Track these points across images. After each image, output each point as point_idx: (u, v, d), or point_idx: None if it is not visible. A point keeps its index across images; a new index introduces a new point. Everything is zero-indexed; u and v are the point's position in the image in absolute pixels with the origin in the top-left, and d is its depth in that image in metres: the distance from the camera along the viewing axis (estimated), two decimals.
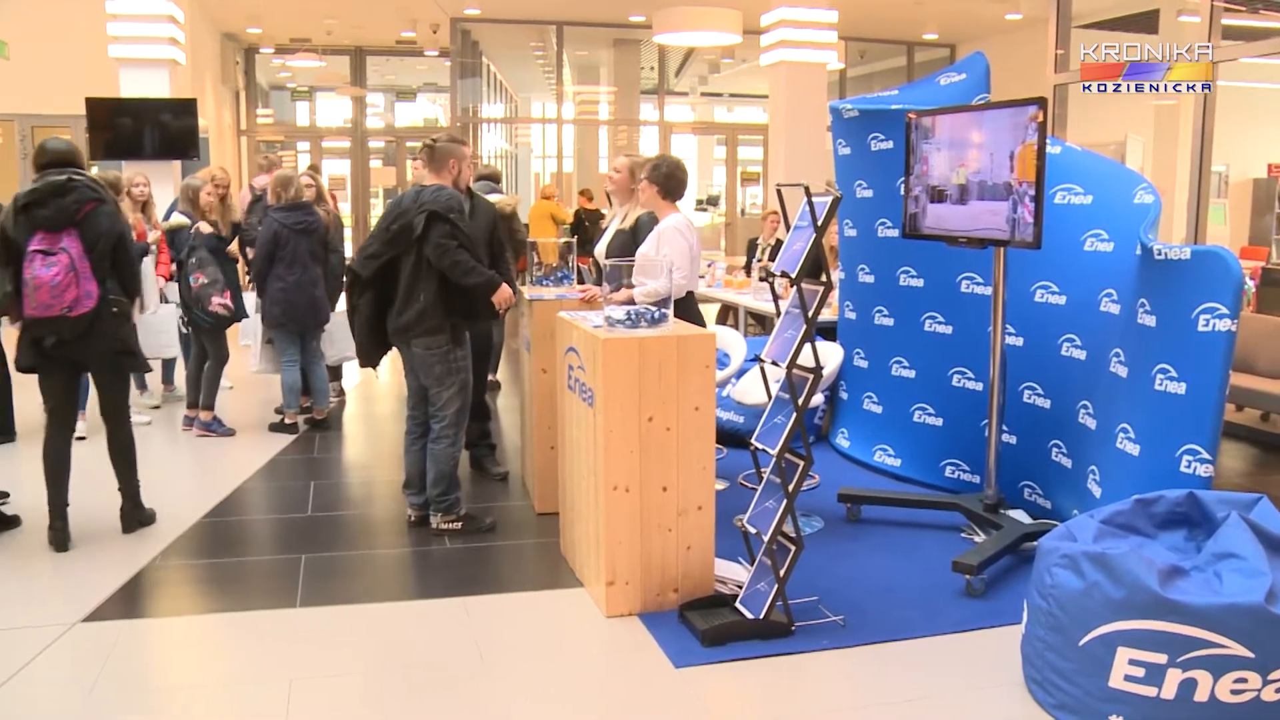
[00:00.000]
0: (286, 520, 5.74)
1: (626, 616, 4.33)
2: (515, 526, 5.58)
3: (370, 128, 20.49)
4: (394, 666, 4.03)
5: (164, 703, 3.75)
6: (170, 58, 11.90)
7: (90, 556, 5.19)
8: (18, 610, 4.52)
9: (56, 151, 5.09)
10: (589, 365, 4.38)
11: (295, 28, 17.95)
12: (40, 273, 4.82)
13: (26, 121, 13.64)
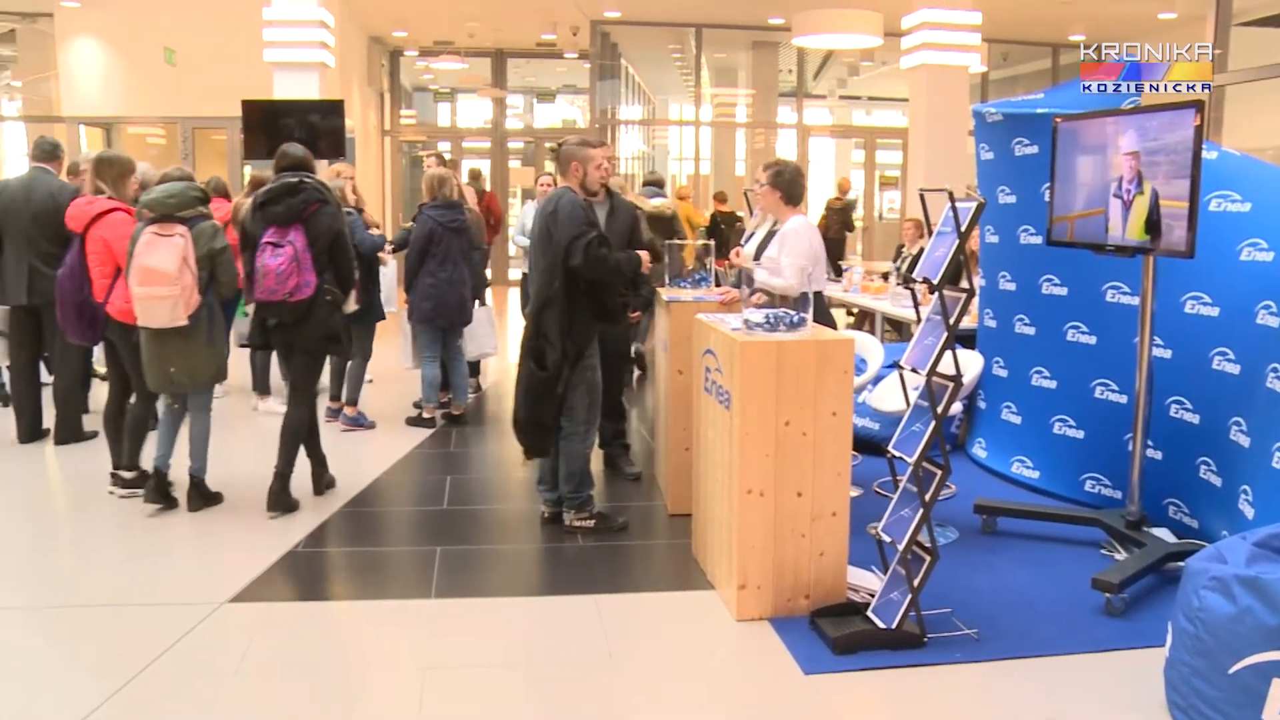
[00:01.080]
0: (423, 512, 5.88)
1: (757, 621, 4.32)
2: (647, 527, 5.62)
3: (510, 128, 20.82)
4: (525, 661, 4.11)
5: (305, 685, 3.88)
6: (320, 61, 12.31)
7: (238, 540, 5.41)
8: (171, 589, 4.75)
9: (294, 157, 5.79)
10: (726, 368, 4.39)
11: (439, 30, 18.34)
12: (268, 261, 5.44)
13: (188, 123, 14.26)
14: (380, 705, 3.72)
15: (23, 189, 6.96)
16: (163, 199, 5.43)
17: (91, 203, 5.91)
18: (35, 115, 17.34)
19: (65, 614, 4.49)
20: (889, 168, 20.80)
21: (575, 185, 5.32)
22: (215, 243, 5.53)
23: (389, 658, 4.08)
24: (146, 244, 5.35)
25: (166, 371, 5.53)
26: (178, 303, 5.34)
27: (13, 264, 6.92)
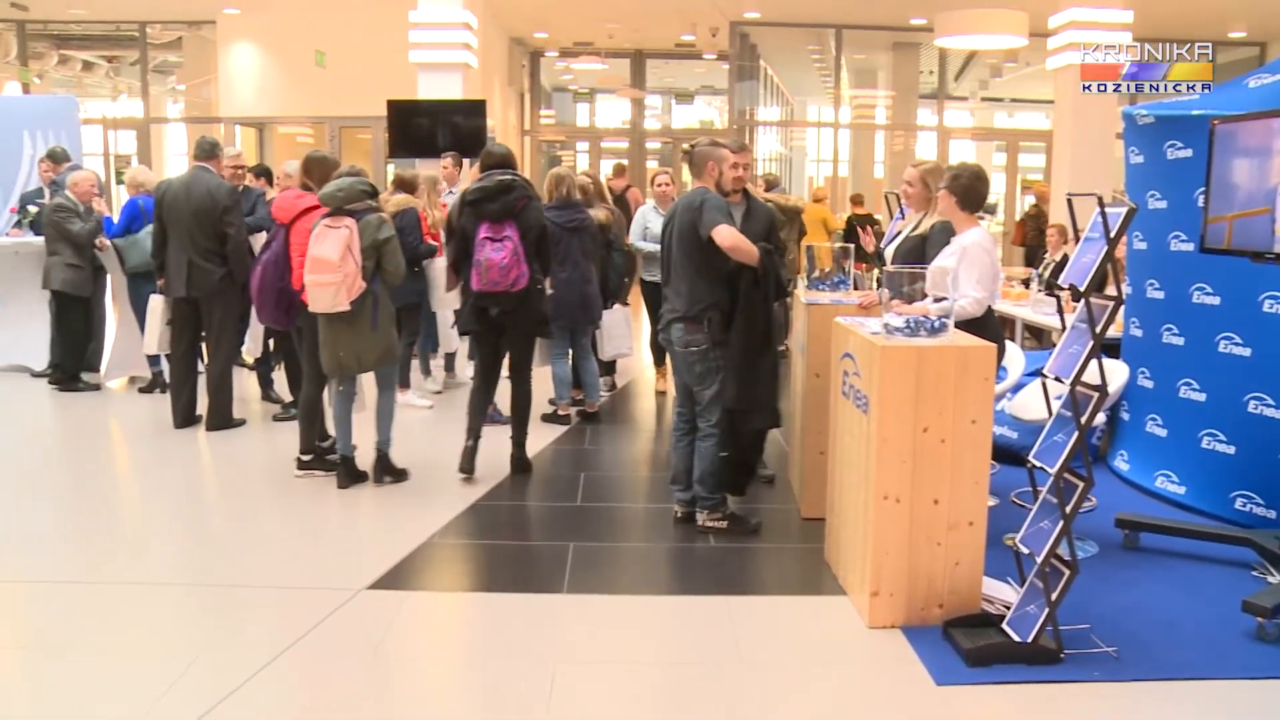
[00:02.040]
0: (557, 508, 5.97)
1: (889, 629, 4.28)
2: (780, 530, 5.60)
3: (648, 129, 20.95)
4: (654, 659, 4.15)
5: (439, 673, 4.00)
6: (463, 62, 12.57)
7: (377, 528, 5.62)
8: (315, 573, 4.93)
9: (500, 155, 6.26)
10: (865, 372, 4.36)
11: (579, 31, 18.55)
12: (491, 255, 5.89)
13: (335, 123, 14.72)
14: (511, 697, 3.79)
15: (184, 187, 7.27)
16: (333, 193, 5.83)
17: (300, 197, 6.25)
18: (195, 117, 18.11)
19: (219, 593, 4.70)
20: (1031, 171, 20.30)
21: (711, 186, 5.31)
22: (380, 234, 5.87)
23: (520, 650, 4.15)
24: (318, 235, 5.76)
25: (337, 355, 5.92)
26: (339, 289, 5.70)
27: (175, 258, 7.23)
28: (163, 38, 17.52)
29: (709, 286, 5.22)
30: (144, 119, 17.14)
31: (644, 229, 8.21)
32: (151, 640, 4.25)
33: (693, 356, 5.30)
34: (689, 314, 5.26)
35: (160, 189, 7.38)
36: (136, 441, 7.55)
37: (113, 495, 6.45)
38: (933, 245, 5.31)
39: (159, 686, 3.77)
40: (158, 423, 7.72)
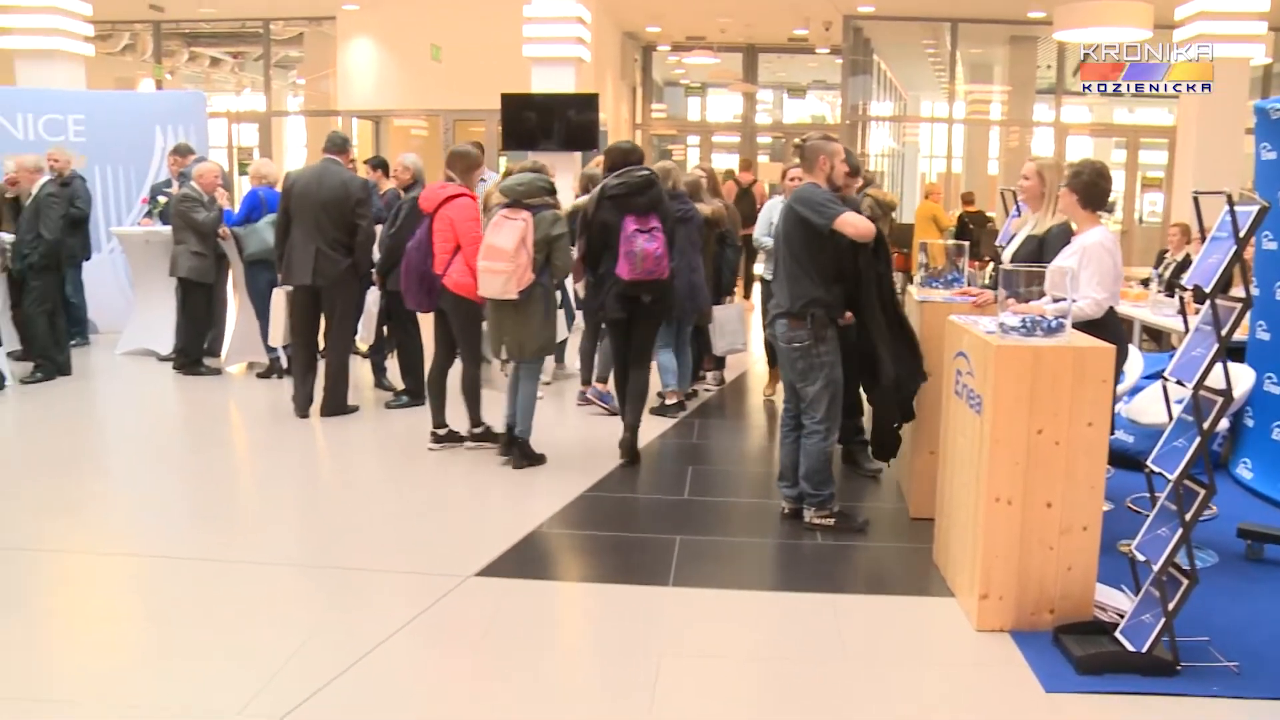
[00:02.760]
0: (664, 501, 5.99)
1: (997, 632, 4.21)
2: (888, 529, 5.55)
3: (759, 124, 20.86)
4: (759, 655, 4.14)
5: (544, 661, 4.03)
6: (576, 56, 12.65)
7: (486, 516, 5.70)
8: (424, 558, 5.02)
9: (626, 151, 6.58)
10: (979, 371, 4.29)
11: (691, 26, 18.55)
12: (645, 246, 6.20)
13: (449, 116, 14.95)
14: (615, 688, 3.82)
15: (315, 178, 7.42)
16: (514, 186, 6.17)
17: (444, 187, 6.52)
18: (314, 110, 18.56)
19: (333, 574, 4.83)
20: (1152, 168, 19.74)
21: (821, 180, 5.27)
22: (554, 229, 6.15)
23: (625, 642, 4.18)
24: (495, 225, 6.09)
25: (500, 339, 6.27)
26: (509, 278, 5.99)
27: (300, 246, 7.37)
28: (285, 34, 17.98)
29: (811, 283, 5.18)
30: (266, 112, 17.61)
31: (770, 223, 7.54)
32: (268, 617, 4.38)
33: (795, 353, 5.27)
34: (792, 310, 5.24)
35: (289, 179, 7.55)
36: (256, 425, 7.78)
37: (234, 477, 6.66)
38: (1050, 249, 5.18)
39: (275, 662, 3.89)
40: (275, 407, 7.94)
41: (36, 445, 7.36)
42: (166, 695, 3.72)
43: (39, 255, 8.56)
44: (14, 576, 4.81)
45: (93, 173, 10.90)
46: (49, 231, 8.56)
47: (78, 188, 9.22)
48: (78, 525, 5.57)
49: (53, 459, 6.86)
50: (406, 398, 7.94)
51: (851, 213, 5.08)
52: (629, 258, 6.24)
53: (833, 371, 5.27)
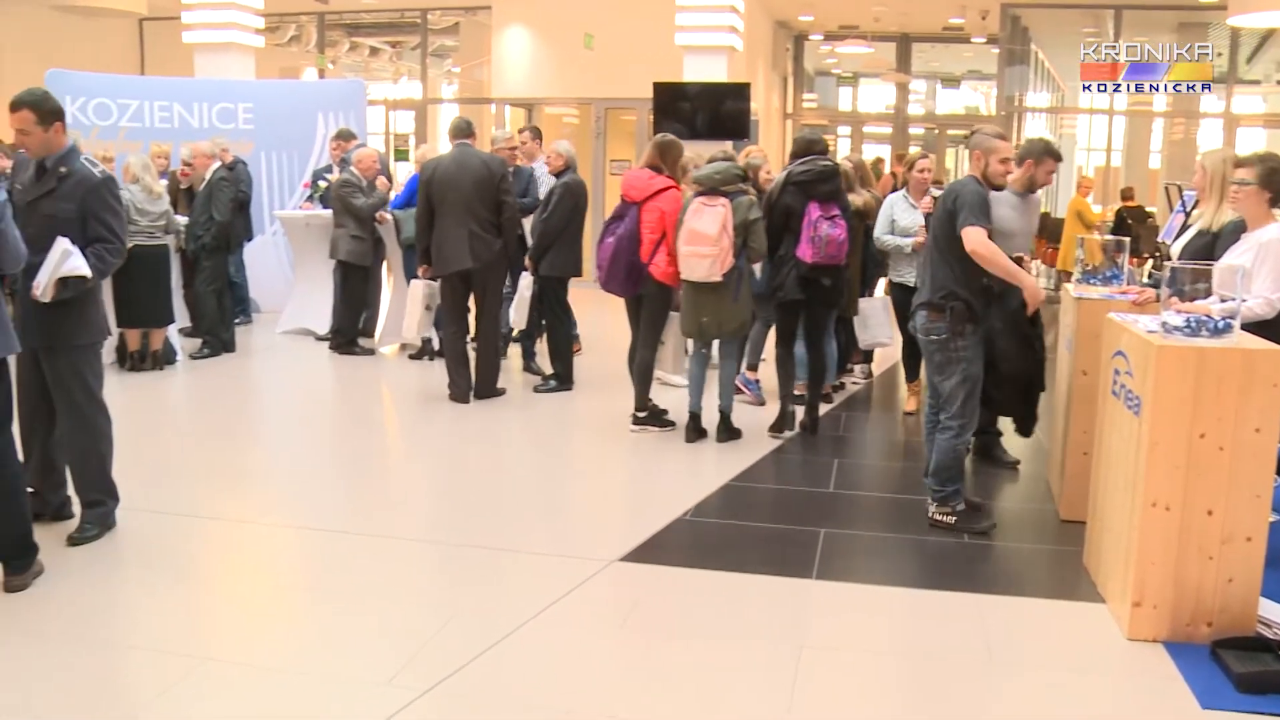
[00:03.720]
0: (809, 493, 5.95)
1: (1149, 642, 4.07)
2: (1036, 530, 5.43)
3: (911, 114, 20.52)
4: (901, 651, 4.11)
5: (685, 649, 4.05)
6: (729, 45, 12.63)
7: (631, 502, 5.81)
8: (570, 541, 5.11)
9: (811, 141, 6.84)
10: (1138, 372, 4.16)
11: (845, 15, 18.33)
12: (831, 232, 6.46)
13: (601, 104, 15.07)
14: (756, 677, 3.83)
15: (455, 163, 7.54)
16: (711, 174, 6.44)
17: (652, 179, 6.73)
18: (468, 98, 18.93)
19: (479, 554, 4.94)
20: None
21: (977, 174, 5.18)
22: (751, 214, 6.43)
23: (767, 631, 4.19)
24: (694, 211, 6.39)
25: (699, 320, 6.54)
26: (714, 261, 6.30)
27: (452, 232, 7.46)
28: (441, 23, 18.36)
29: (953, 274, 5.09)
30: (422, 100, 18.04)
31: (890, 221, 7.27)
32: (416, 593, 4.52)
33: (933, 345, 5.18)
34: (932, 300, 5.16)
35: (428, 169, 7.62)
36: (407, 405, 8.02)
37: (386, 454, 6.89)
38: (1224, 242, 4.98)
39: (421, 637, 4.01)
40: (426, 388, 8.18)
41: (202, 417, 7.74)
42: (316, 662, 3.88)
43: (211, 236, 8.97)
44: (179, 541, 5.08)
45: (259, 158, 11.38)
46: (220, 214, 8.96)
47: (241, 172, 9.62)
48: (237, 495, 5.85)
49: (216, 431, 7.21)
50: (554, 382, 8.06)
51: (979, 235, 4.94)
52: (813, 242, 6.45)
53: (970, 367, 5.16)
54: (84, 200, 4.72)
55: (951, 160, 20.75)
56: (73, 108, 11.02)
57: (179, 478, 6.08)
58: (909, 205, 7.23)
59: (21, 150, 5.06)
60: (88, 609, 4.29)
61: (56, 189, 4.70)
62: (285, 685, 3.69)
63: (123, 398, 7.43)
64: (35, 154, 4.75)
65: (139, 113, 11.51)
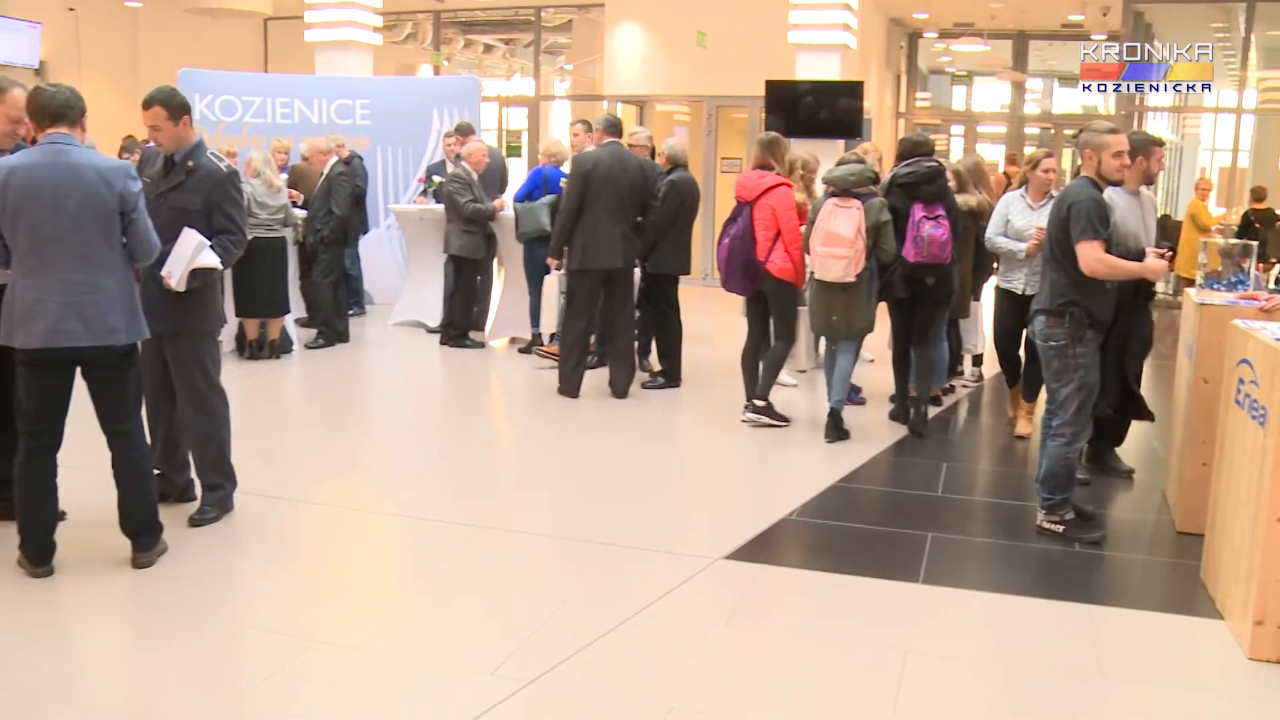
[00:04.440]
0: (916, 497, 5.88)
1: (1273, 663, 3.93)
2: (1151, 541, 5.30)
3: (1027, 114, 20.10)
4: (1009, 659, 4.04)
5: (787, 650, 4.06)
6: (842, 43, 12.52)
7: (738, 501, 5.82)
8: (676, 538, 5.13)
9: (918, 143, 6.92)
10: (1265, 381, 4.01)
11: (960, 12, 18.03)
12: (934, 232, 6.52)
13: (712, 102, 15.06)
14: (859, 681, 3.80)
15: (616, 161, 7.52)
16: (845, 176, 6.52)
17: (762, 177, 6.81)
18: (579, 95, 19.06)
19: (588, 548, 4.97)
20: None
21: (1091, 174, 5.01)
22: (881, 216, 6.49)
23: (872, 635, 4.15)
24: (829, 213, 6.47)
25: (829, 319, 6.65)
26: (849, 263, 6.40)
27: (605, 231, 7.45)
28: (554, 21, 18.52)
29: (1070, 280, 4.96)
30: (534, 97, 18.21)
31: (1005, 222, 6.87)
32: (523, 585, 4.58)
33: (1050, 351, 5.06)
34: (1049, 307, 5.05)
35: (587, 164, 7.53)
36: (517, 398, 8.14)
37: (494, 446, 6.98)
38: None
39: (526, 629, 4.06)
40: (536, 381, 8.29)
41: (316, 406, 7.95)
42: (422, 650, 3.95)
43: (329, 229, 9.20)
44: (293, 526, 5.23)
45: (374, 154, 11.62)
46: (338, 207, 9.19)
47: (358, 167, 9.83)
48: (349, 482, 6.00)
49: (330, 419, 7.41)
50: (663, 379, 8.09)
51: (1092, 252, 4.81)
52: (916, 242, 6.53)
53: (1087, 375, 5.03)
54: (210, 193, 4.91)
55: (1067, 161, 20.28)
56: (201, 105, 11.42)
57: (293, 464, 6.25)
58: (1027, 206, 6.82)
59: (149, 143, 5.26)
60: (205, 588, 4.45)
61: (184, 182, 4.89)
62: (391, 671, 3.77)
63: (240, 385, 7.67)
64: (166, 149, 4.93)
65: (262, 109, 11.87)
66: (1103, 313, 5.03)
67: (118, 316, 4.32)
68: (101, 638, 4.15)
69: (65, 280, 4.22)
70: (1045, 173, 6.84)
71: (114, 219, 4.30)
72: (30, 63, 15.42)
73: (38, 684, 3.66)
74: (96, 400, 4.45)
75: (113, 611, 4.30)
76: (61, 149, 4.25)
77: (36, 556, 4.41)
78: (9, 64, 14.73)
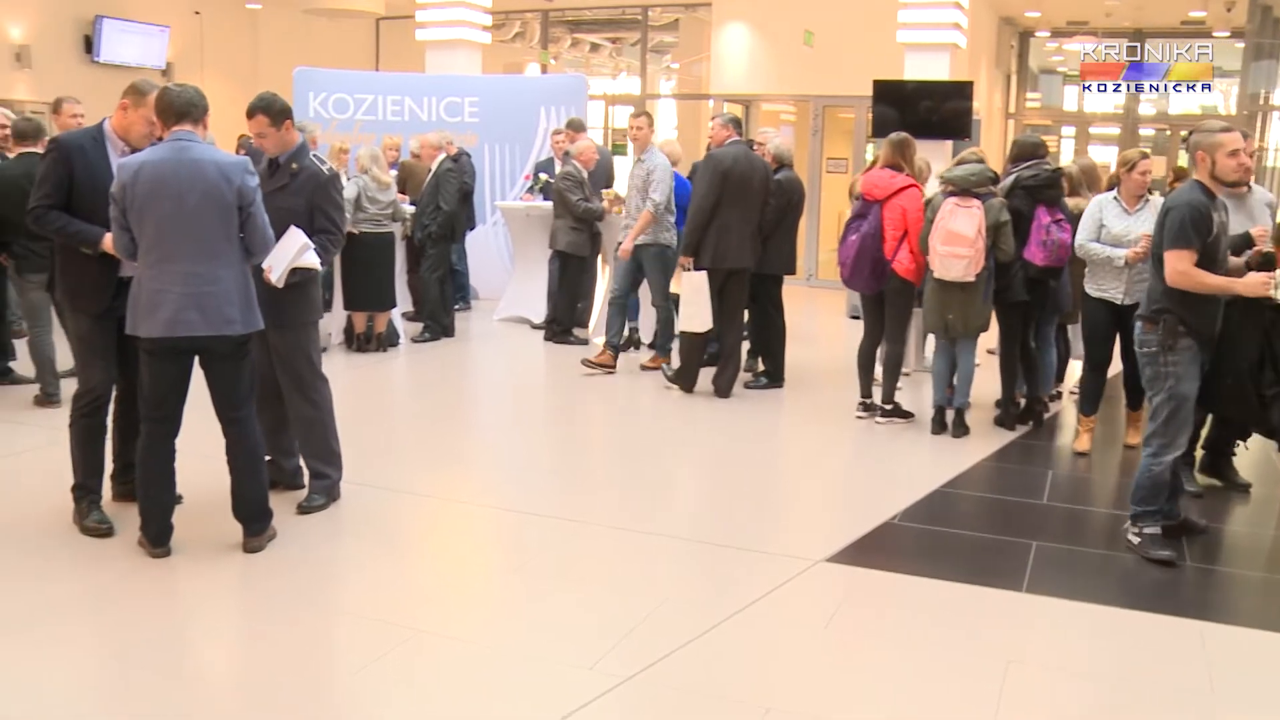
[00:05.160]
0: (1021, 504, 5.79)
1: None
2: (1268, 558, 5.17)
3: (1142, 115, 19.58)
4: (1114, 674, 3.95)
5: (887, 656, 4.02)
6: (952, 42, 12.33)
7: (841, 504, 5.83)
8: (777, 538, 5.14)
9: (1035, 145, 7.06)
10: None
11: (1074, 10, 17.64)
12: (1061, 236, 6.58)
13: (819, 102, 14.93)
14: (959, 689, 3.75)
15: (747, 162, 7.53)
16: (965, 176, 6.58)
17: (893, 178, 6.85)
18: (684, 94, 19.08)
19: (688, 546, 4.99)
20: None
21: (1204, 178, 4.81)
22: (1000, 216, 6.55)
23: (973, 643, 4.10)
24: (949, 212, 6.53)
25: (945, 317, 6.71)
26: (970, 262, 6.46)
27: (738, 229, 7.46)
28: (661, 20, 18.55)
29: (1165, 288, 4.80)
30: (640, 96, 18.25)
31: (1099, 227, 6.41)
32: (623, 581, 4.61)
33: (1144, 358, 4.93)
34: (1145, 313, 4.92)
35: (725, 161, 7.48)
36: (619, 394, 8.16)
37: (597, 442, 7.04)
38: None
39: (625, 625, 4.09)
40: (637, 377, 8.33)
41: (422, 399, 8.10)
42: (522, 643, 4.01)
43: (437, 225, 9.36)
44: (396, 516, 5.34)
45: (482, 151, 11.78)
46: (446, 203, 9.35)
47: (466, 163, 9.98)
48: (452, 475, 6.11)
49: (434, 412, 7.54)
50: (766, 379, 8.07)
51: (1180, 263, 4.66)
52: (1045, 245, 6.56)
53: (1179, 385, 4.83)
54: (313, 195, 5.09)
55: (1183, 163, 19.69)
56: (314, 102, 11.71)
57: (398, 455, 6.37)
58: (1122, 210, 6.38)
59: (250, 140, 5.45)
60: (311, 574, 4.58)
61: (289, 184, 5.07)
62: (490, 662, 3.83)
63: (347, 378, 7.85)
64: (272, 152, 5.13)
65: (373, 107, 12.12)
66: (1201, 323, 4.84)
67: (234, 308, 4.47)
68: (213, 618, 4.30)
69: (186, 272, 4.37)
70: (1142, 175, 6.42)
71: (232, 213, 4.44)
72: (158, 64, 16.02)
73: (153, 659, 3.82)
74: (213, 388, 4.61)
75: (224, 593, 4.45)
76: (185, 145, 4.40)
77: (155, 537, 4.58)
78: (140, 65, 15.33)
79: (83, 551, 4.66)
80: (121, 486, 5.13)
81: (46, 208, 4.70)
